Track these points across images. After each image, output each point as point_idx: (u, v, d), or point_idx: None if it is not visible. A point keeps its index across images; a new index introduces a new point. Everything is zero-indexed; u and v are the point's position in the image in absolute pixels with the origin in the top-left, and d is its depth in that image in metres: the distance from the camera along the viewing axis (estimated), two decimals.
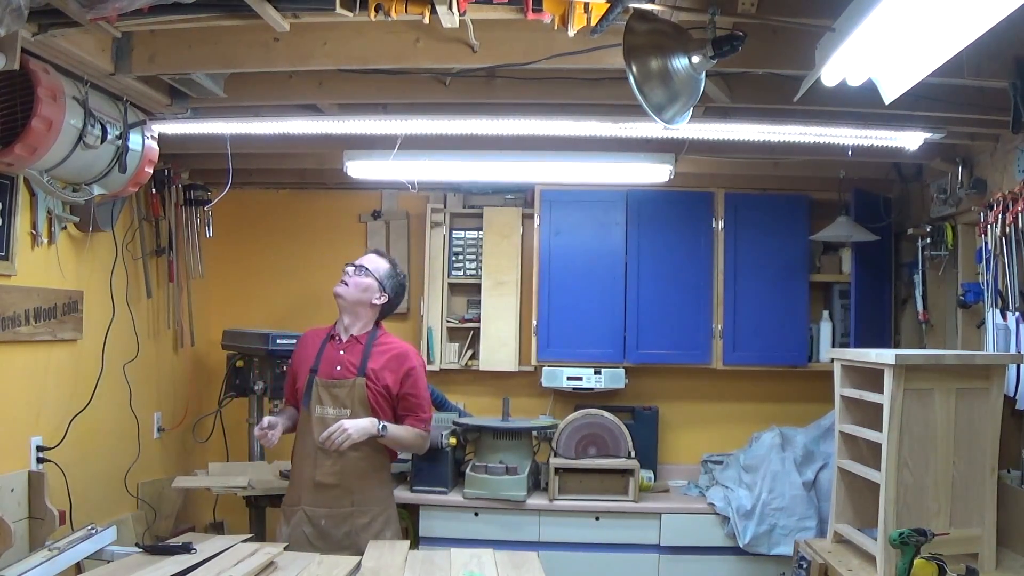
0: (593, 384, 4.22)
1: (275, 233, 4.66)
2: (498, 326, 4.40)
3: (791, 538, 3.60)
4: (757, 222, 4.24)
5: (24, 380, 3.02)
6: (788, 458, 3.85)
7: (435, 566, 2.69)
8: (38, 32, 2.31)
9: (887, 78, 2.17)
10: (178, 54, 2.62)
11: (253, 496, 3.69)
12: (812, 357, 4.27)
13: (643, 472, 4.00)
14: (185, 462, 4.18)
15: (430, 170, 3.88)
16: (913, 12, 1.77)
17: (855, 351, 3.28)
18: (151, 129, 3.11)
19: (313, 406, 3.03)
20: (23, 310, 2.93)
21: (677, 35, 2.09)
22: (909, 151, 3.33)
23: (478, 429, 4.03)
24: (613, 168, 3.84)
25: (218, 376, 4.19)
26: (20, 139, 2.46)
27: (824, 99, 2.62)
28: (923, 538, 2.47)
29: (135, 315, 3.75)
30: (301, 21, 2.38)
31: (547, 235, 4.29)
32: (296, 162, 4.26)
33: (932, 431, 2.74)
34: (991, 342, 3.20)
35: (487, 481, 3.84)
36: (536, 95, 2.97)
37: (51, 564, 2.52)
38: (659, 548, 3.84)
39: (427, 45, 2.56)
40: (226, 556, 2.64)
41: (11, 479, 2.82)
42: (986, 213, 3.10)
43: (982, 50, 2.46)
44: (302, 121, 3.20)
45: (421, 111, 3.14)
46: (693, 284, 4.23)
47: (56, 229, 3.14)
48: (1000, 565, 2.76)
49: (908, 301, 4.14)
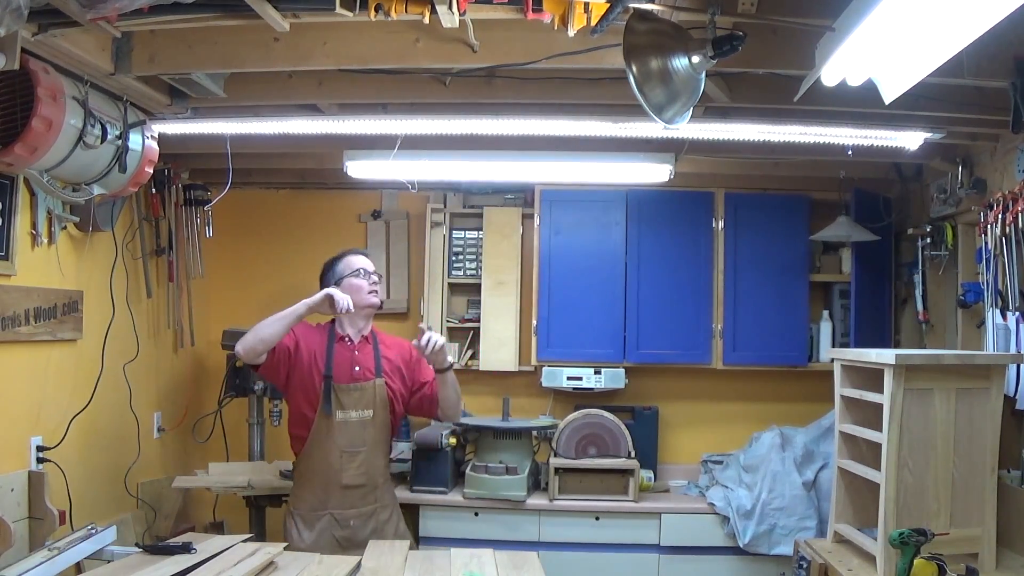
0: (593, 384, 4.22)
1: (275, 233, 4.66)
2: (498, 326, 4.40)
3: (791, 538, 3.60)
4: (757, 222, 4.24)
5: (24, 380, 3.02)
6: (788, 458, 3.85)
7: (435, 566, 2.68)
8: (38, 32, 2.31)
9: (887, 78, 2.17)
10: (178, 54, 2.62)
11: (253, 496, 3.70)
12: (812, 357, 4.27)
13: (643, 472, 4.00)
14: (185, 462, 4.18)
15: (430, 170, 3.88)
16: (913, 12, 1.77)
17: (855, 351, 3.28)
18: (151, 129, 3.11)
19: (334, 411, 3.03)
20: (23, 310, 2.93)
21: (677, 35, 2.09)
22: (909, 151, 3.34)
23: (478, 429, 4.03)
24: (613, 168, 3.84)
25: (218, 376, 4.19)
26: (20, 139, 2.46)
27: (824, 99, 2.61)
28: (923, 538, 2.47)
29: (135, 315, 3.75)
30: (301, 21, 2.38)
31: (547, 235, 4.29)
32: (296, 162, 4.25)
33: (932, 431, 2.74)
34: (991, 342, 3.20)
35: (487, 481, 3.84)
36: (536, 95, 2.97)
37: (51, 564, 2.52)
38: (659, 548, 3.84)
39: (427, 45, 2.56)
40: (226, 556, 2.63)
41: (11, 479, 2.82)
42: (986, 213, 3.10)
43: (982, 50, 2.47)
44: (302, 121, 3.20)
45: (421, 111, 3.14)
46: (693, 284, 4.23)
47: (56, 229, 3.14)
48: (1000, 565, 2.76)
49: (908, 301, 4.14)
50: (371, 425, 3.09)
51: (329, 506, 3.06)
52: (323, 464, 3.05)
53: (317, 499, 3.07)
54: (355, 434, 3.06)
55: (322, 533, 3.04)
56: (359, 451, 3.07)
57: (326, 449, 3.04)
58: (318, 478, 3.07)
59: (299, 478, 3.13)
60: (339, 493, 3.06)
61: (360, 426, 3.07)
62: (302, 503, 3.09)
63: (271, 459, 4.08)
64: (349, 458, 3.04)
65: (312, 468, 3.08)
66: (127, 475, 3.65)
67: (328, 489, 3.06)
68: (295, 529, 3.06)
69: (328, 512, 3.06)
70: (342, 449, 3.04)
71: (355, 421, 3.05)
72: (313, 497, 3.08)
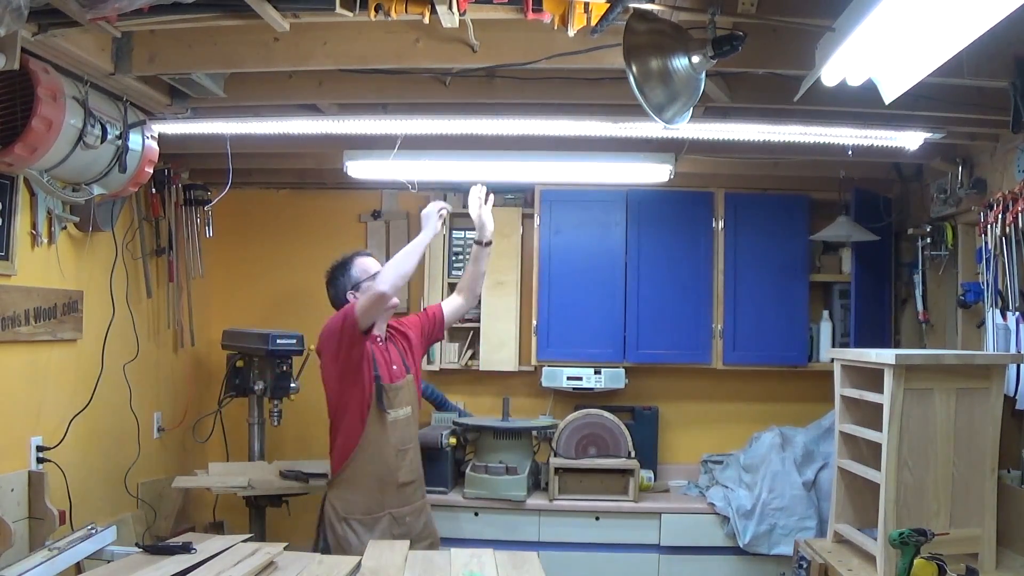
0: (593, 384, 4.22)
1: (275, 233, 4.66)
2: (498, 326, 4.40)
3: (791, 538, 3.60)
4: (757, 222, 4.24)
5: (24, 380, 3.02)
6: (788, 458, 3.86)
7: (435, 566, 2.68)
8: (38, 32, 2.31)
9: (887, 78, 2.17)
10: (178, 54, 2.62)
11: (253, 496, 3.69)
12: (812, 357, 4.27)
13: (643, 472, 4.00)
14: (185, 462, 4.17)
15: (430, 170, 3.88)
16: (913, 12, 1.77)
17: (855, 351, 3.28)
18: (151, 129, 3.12)
19: (387, 410, 3.04)
20: (23, 310, 2.93)
21: (677, 35, 2.09)
22: (909, 151, 3.33)
23: (478, 429, 4.03)
24: (613, 168, 3.84)
25: (218, 376, 4.19)
26: (20, 139, 2.46)
27: (824, 99, 2.61)
28: (923, 538, 2.47)
29: (135, 315, 3.75)
30: (301, 21, 2.38)
31: (547, 235, 4.29)
32: (296, 162, 4.26)
33: (932, 431, 2.74)
34: (991, 342, 3.20)
35: (487, 481, 3.84)
36: (536, 95, 2.97)
37: (51, 564, 2.52)
38: (659, 548, 3.84)
39: (427, 45, 2.56)
40: (226, 556, 2.63)
41: (11, 479, 2.82)
42: (986, 213, 3.10)
43: (982, 50, 2.46)
44: (302, 121, 3.20)
45: (421, 111, 3.14)
46: (693, 284, 4.24)
47: (56, 229, 3.14)
48: (1000, 565, 2.76)
49: (908, 301, 4.14)
50: (412, 421, 3.17)
51: (387, 506, 3.07)
52: (380, 465, 3.05)
53: (374, 501, 3.06)
54: (404, 431, 3.11)
55: (383, 534, 3.03)
56: (408, 447, 3.13)
57: (381, 449, 3.04)
58: (373, 479, 3.05)
59: (348, 482, 3.06)
60: (395, 492, 3.08)
61: (406, 423, 3.13)
62: (356, 507, 3.05)
63: (271, 459, 4.07)
64: (403, 456, 3.09)
65: (366, 470, 3.04)
66: (127, 475, 3.65)
67: (384, 489, 3.06)
68: (352, 534, 3.01)
69: (387, 512, 3.06)
70: (396, 447, 3.07)
71: (402, 419, 3.10)
72: (369, 499, 3.05)
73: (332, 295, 3.22)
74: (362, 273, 3.16)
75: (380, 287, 2.88)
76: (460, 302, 3.38)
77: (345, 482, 3.06)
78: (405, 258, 2.96)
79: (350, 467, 3.05)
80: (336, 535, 3.03)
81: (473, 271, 3.33)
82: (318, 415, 4.50)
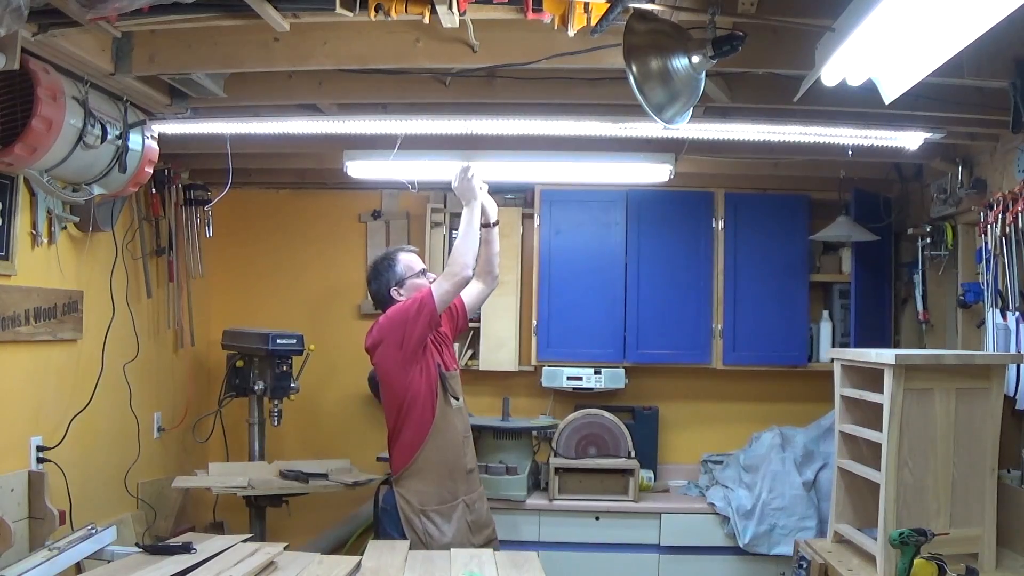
0: (593, 384, 4.22)
1: (275, 233, 4.66)
2: (498, 326, 4.40)
3: (791, 538, 3.60)
4: (757, 222, 4.24)
5: (24, 380, 3.01)
6: (788, 458, 3.86)
7: (435, 566, 2.68)
8: (38, 32, 2.31)
9: (887, 78, 2.17)
10: (178, 54, 2.62)
11: (253, 496, 3.69)
12: (812, 357, 4.27)
13: (643, 472, 4.01)
14: (185, 462, 4.18)
15: (430, 170, 3.88)
16: (913, 12, 1.77)
17: (855, 351, 3.28)
18: (151, 129, 3.11)
19: (450, 399, 3.11)
20: (23, 310, 2.93)
21: (677, 35, 2.09)
22: (909, 151, 3.33)
23: (478, 429, 4.03)
24: (613, 168, 3.84)
25: (218, 376, 4.19)
26: (20, 139, 2.46)
27: (824, 99, 2.61)
28: (923, 538, 2.47)
29: (135, 315, 3.75)
30: (301, 21, 2.38)
31: (547, 235, 4.29)
32: (296, 162, 4.25)
33: (932, 431, 2.74)
34: (991, 342, 3.20)
35: (487, 481, 3.83)
36: (536, 95, 2.97)
37: (51, 564, 2.52)
38: (659, 548, 3.84)
39: (427, 45, 2.56)
40: (226, 556, 2.64)
41: (11, 479, 2.82)
42: (986, 213, 3.10)
43: (982, 50, 2.46)
44: (302, 121, 3.20)
45: (421, 111, 3.14)
46: (693, 284, 4.24)
47: (56, 229, 3.14)
48: (1000, 565, 2.76)
49: (908, 301, 4.14)
50: (466, 410, 3.27)
51: (459, 493, 3.10)
52: (450, 452, 3.09)
53: (447, 490, 3.08)
54: (464, 420, 3.20)
55: (458, 522, 3.07)
56: (469, 435, 3.21)
57: (450, 437, 3.09)
58: (444, 468, 3.08)
59: (419, 474, 3.06)
60: (464, 479, 3.13)
61: (463, 412, 3.21)
62: (431, 498, 3.06)
63: (271, 459, 4.07)
64: (467, 443, 3.18)
65: (437, 459, 3.07)
66: (127, 475, 3.65)
67: (455, 477, 3.10)
68: (432, 526, 3.02)
69: (460, 500, 3.10)
70: (462, 435, 3.14)
71: (462, 407, 3.19)
72: (443, 489, 3.08)
73: (374, 290, 3.24)
74: (407, 270, 3.20)
75: (465, 272, 3.00)
76: (480, 287, 3.37)
77: (416, 474, 3.06)
78: (469, 237, 3.06)
79: (421, 458, 3.05)
80: (416, 530, 3.02)
81: (486, 253, 3.32)
82: (318, 415, 4.54)
